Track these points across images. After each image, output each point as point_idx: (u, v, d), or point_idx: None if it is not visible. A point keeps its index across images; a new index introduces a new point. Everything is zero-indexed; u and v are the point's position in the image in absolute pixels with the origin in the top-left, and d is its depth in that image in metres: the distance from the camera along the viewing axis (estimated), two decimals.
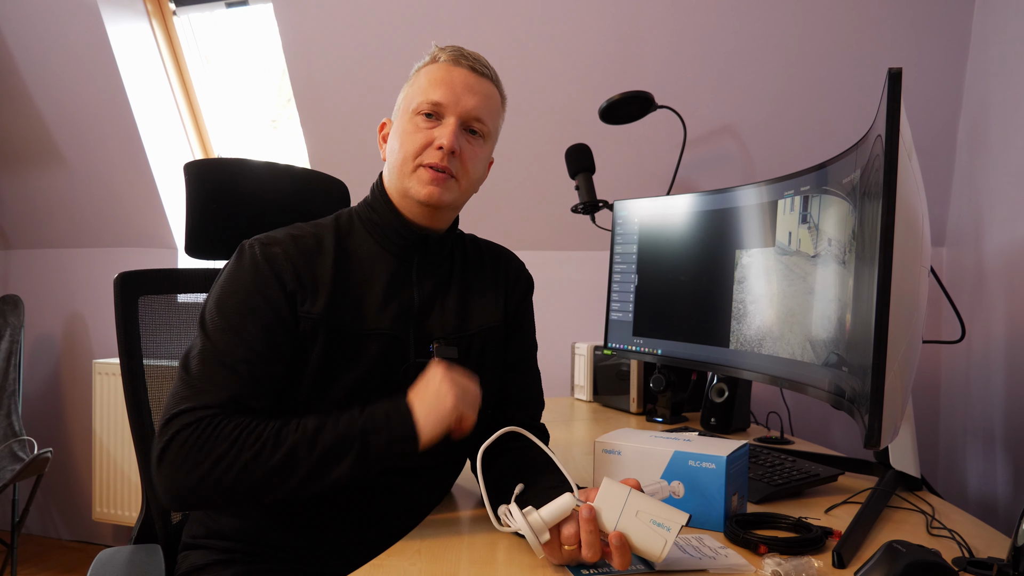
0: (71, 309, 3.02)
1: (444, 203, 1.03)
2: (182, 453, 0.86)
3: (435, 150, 1.01)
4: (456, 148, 1.01)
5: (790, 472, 1.18)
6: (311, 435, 0.88)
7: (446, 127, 1.01)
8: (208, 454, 0.86)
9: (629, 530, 0.78)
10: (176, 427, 0.87)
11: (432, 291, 1.08)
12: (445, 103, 1.02)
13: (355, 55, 2.32)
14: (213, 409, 0.88)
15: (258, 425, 0.88)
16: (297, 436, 0.88)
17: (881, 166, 0.86)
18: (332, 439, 0.88)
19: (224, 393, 0.90)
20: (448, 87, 1.02)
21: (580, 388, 2.11)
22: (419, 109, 1.02)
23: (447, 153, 1.00)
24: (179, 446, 0.86)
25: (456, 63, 1.04)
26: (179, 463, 0.86)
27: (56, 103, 2.71)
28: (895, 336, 0.84)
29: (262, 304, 0.96)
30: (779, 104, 2.04)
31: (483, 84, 1.05)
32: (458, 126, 1.02)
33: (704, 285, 1.48)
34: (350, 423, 0.90)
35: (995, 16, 1.70)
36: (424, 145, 1.01)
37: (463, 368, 0.96)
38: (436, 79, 1.03)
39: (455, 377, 0.93)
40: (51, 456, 2.50)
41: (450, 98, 1.02)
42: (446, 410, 0.91)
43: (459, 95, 1.02)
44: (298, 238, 1.02)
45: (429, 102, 1.02)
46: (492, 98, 1.06)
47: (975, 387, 1.75)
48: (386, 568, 0.82)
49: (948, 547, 0.90)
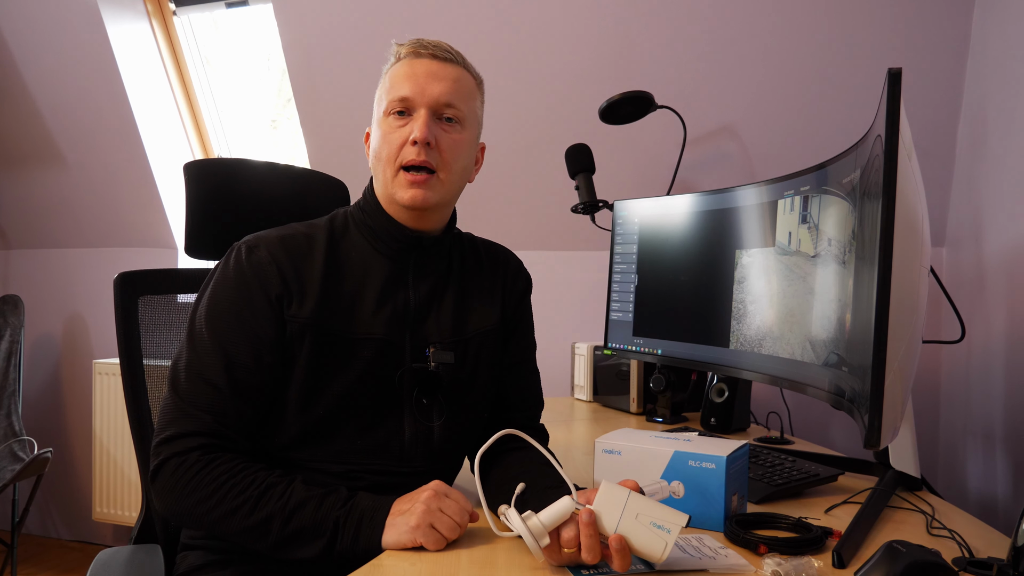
0: (71, 309, 3.02)
1: (430, 203, 1.01)
2: (169, 484, 0.91)
3: (411, 146, 0.99)
4: (431, 139, 0.99)
5: (790, 472, 1.18)
6: (290, 510, 0.88)
7: (417, 120, 1.00)
8: (191, 493, 0.90)
9: (629, 533, 0.78)
10: (165, 454, 0.92)
11: (429, 294, 1.07)
12: (411, 96, 1.00)
13: (355, 55, 2.32)
14: (200, 439, 0.92)
15: (245, 477, 0.90)
16: (276, 506, 0.88)
17: (881, 166, 0.86)
18: (307, 522, 0.88)
19: (207, 417, 0.93)
20: (412, 80, 1.01)
21: (580, 388, 2.11)
22: (389, 109, 1.02)
23: (422, 146, 0.99)
24: (167, 476, 0.91)
25: (417, 55, 1.03)
26: (167, 491, 0.92)
27: (56, 103, 2.71)
28: (895, 336, 0.84)
29: (246, 312, 0.97)
30: (779, 104, 2.04)
31: (448, 69, 1.03)
32: (429, 116, 1.00)
33: (704, 285, 1.48)
34: (327, 512, 0.88)
35: (995, 16, 1.70)
36: (400, 144, 1.00)
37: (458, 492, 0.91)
38: (400, 75, 1.02)
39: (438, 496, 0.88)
40: (51, 456, 2.50)
41: (415, 90, 1.00)
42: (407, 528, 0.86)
43: (424, 85, 1.01)
44: (287, 238, 1.02)
45: (397, 99, 1.01)
46: (460, 81, 1.04)
47: (975, 387, 1.75)
48: (386, 568, 0.82)
49: (948, 547, 0.90)
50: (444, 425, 1.06)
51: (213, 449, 0.93)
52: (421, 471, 1.04)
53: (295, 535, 0.88)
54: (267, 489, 0.89)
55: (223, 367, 0.95)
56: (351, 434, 1.01)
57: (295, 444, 0.99)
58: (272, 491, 0.89)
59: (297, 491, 0.90)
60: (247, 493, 0.89)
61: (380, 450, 1.02)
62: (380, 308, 1.02)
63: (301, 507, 0.88)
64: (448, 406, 1.06)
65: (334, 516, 0.88)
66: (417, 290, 1.06)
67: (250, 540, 0.90)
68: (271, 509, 0.88)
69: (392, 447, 1.02)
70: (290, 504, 0.88)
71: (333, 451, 1.00)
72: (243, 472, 0.91)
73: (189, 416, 0.93)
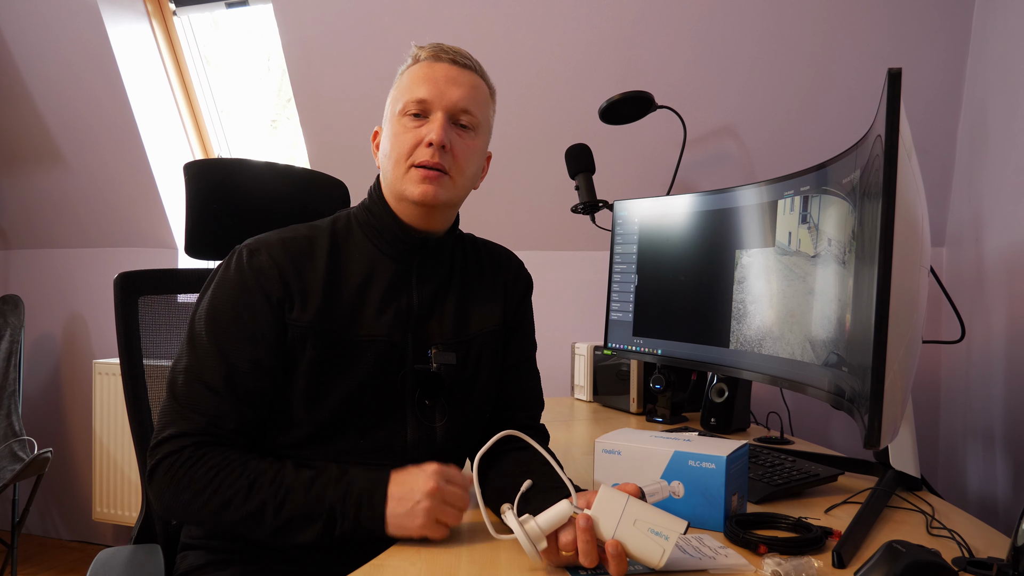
0: (71, 309, 3.02)
1: (440, 201, 1.02)
2: (165, 481, 0.92)
3: (425, 147, 1.00)
4: (446, 143, 1.00)
5: (790, 472, 1.18)
6: (282, 496, 0.88)
7: (434, 123, 1.00)
8: (186, 488, 0.91)
9: (627, 538, 0.78)
10: (161, 454, 0.93)
11: (432, 295, 1.07)
12: (430, 99, 1.01)
13: (355, 55, 2.32)
14: (194, 438, 0.93)
15: (235, 468, 0.90)
16: (268, 493, 0.89)
17: (881, 166, 0.86)
18: (300, 508, 0.88)
19: (203, 419, 0.93)
20: (431, 83, 1.01)
21: (580, 388, 2.11)
22: (405, 110, 1.02)
23: (438, 148, 0.99)
24: (163, 474, 0.92)
25: (437, 59, 1.03)
26: (163, 489, 0.92)
27: (56, 103, 2.71)
28: (895, 336, 0.84)
29: (245, 316, 0.97)
30: (779, 104, 2.04)
31: (466, 75, 1.04)
32: (446, 120, 1.01)
33: (704, 285, 1.48)
34: (321, 494, 0.88)
35: (995, 16, 1.70)
36: (414, 144, 1.00)
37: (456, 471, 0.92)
38: (418, 77, 1.02)
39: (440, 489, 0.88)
40: (51, 456, 2.50)
41: (434, 93, 1.01)
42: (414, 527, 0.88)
43: (443, 89, 1.01)
44: (289, 241, 1.02)
45: (414, 100, 1.01)
46: (478, 88, 1.05)
47: (975, 387, 1.75)
48: (386, 568, 0.82)
49: (948, 547, 0.90)
50: (446, 426, 1.06)
51: (205, 445, 0.93)
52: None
53: (289, 521, 0.88)
54: (258, 477, 0.90)
55: (221, 370, 0.95)
56: (354, 435, 1.01)
57: (299, 444, 1.00)
58: (262, 478, 0.90)
59: (287, 476, 0.90)
60: (239, 483, 0.89)
61: (383, 451, 1.02)
62: (383, 310, 1.02)
63: (292, 492, 0.89)
64: (450, 407, 1.06)
65: (328, 499, 0.88)
66: (420, 291, 1.06)
67: (247, 530, 0.90)
68: (263, 496, 0.89)
69: (395, 448, 1.03)
70: (281, 490, 0.89)
71: (336, 451, 1.00)
72: (234, 463, 0.91)
73: (186, 419, 0.94)
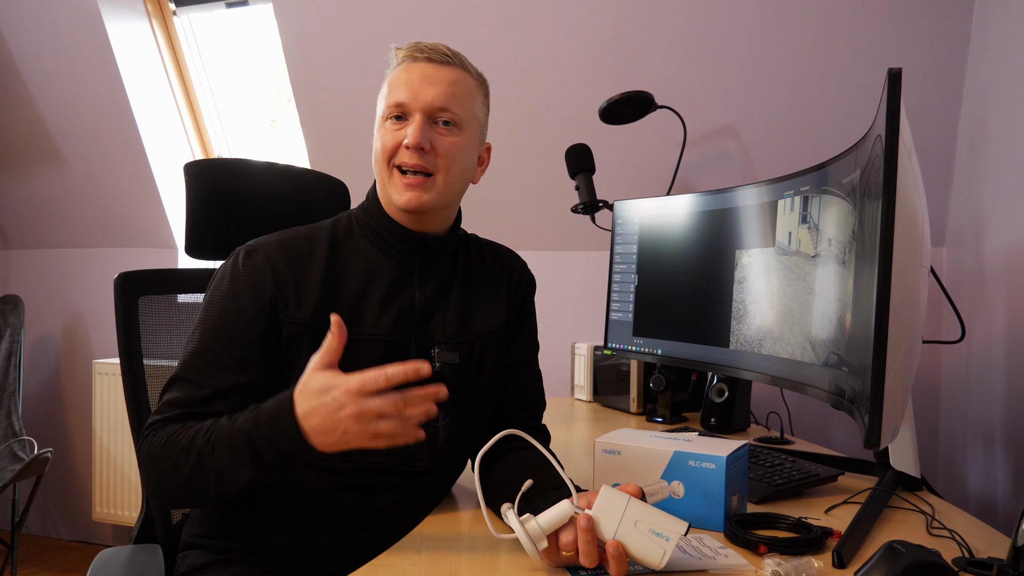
0: (71, 309, 3.02)
1: (426, 205, 1.02)
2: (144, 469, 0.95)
3: (404, 150, 1.00)
4: (424, 144, 0.99)
5: (790, 472, 1.18)
6: (212, 441, 0.88)
7: (412, 124, 1.00)
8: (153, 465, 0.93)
9: (627, 539, 0.78)
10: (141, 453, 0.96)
11: (434, 294, 1.07)
12: (406, 101, 1.01)
13: (355, 55, 2.32)
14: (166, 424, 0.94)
15: (183, 432, 0.91)
16: (201, 443, 0.89)
17: (881, 166, 0.86)
18: (225, 447, 0.88)
19: (177, 410, 0.95)
20: (407, 85, 1.01)
21: (580, 388, 2.11)
22: (387, 115, 1.03)
23: (416, 151, 0.99)
24: (141, 460, 0.96)
25: (413, 59, 1.03)
26: (143, 474, 0.96)
27: (56, 103, 2.71)
28: (895, 336, 0.84)
29: (233, 314, 0.98)
30: (779, 104, 2.04)
31: (444, 72, 1.03)
32: (424, 121, 1.00)
33: (704, 285, 1.48)
34: (239, 431, 0.87)
35: (995, 16, 1.70)
36: (394, 147, 1.01)
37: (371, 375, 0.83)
38: (396, 81, 1.03)
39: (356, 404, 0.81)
40: (51, 456, 2.50)
41: (410, 95, 1.01)
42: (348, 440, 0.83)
43: (418, 90, 1.01)
44: (287, 242, 1.03)
45: (393, 105, 1.02)
46: (458, 83, 1.04)
47: (975, 387, 1.75)
48: (386, 568, 0.82)
49: (948, 547, 0.90)
50: (449, 425, 1.06)
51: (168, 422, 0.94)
52: (426, 470, 1.05)
53: (224, 465, 0.87)
54: (197, 433, 0.90)
55: (209, 367, 0.96)
56: None
57: None
58: (199, 434, 0.90)
59: (219, 424, 0.90)
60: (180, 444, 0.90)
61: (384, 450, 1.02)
62: (385, 309, 1.03)
63: (218, 440, 0.88)
64: (453, 406, 1.06)
65: (243, 432, 0.87)
66: (423, 290, 1.06)
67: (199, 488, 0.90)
68: (199, 447, 0.89)
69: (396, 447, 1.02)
70: (213, 436, 0.89)
71: None
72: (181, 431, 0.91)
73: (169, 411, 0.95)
